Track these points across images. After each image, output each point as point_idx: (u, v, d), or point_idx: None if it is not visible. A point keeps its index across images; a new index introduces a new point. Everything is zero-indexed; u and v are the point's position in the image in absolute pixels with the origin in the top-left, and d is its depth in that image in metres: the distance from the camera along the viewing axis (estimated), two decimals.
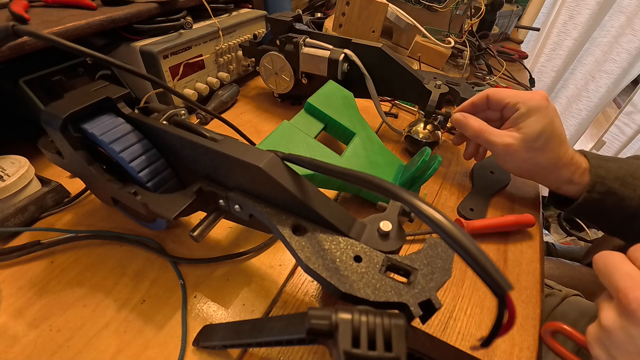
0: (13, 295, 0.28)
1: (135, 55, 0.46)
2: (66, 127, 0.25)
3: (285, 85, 0.53)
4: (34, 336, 0.26)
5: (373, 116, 0.53)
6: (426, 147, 0.37)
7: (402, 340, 0.15)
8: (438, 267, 0.20)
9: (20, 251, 0.30)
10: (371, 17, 0.59)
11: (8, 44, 0.32)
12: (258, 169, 0.21)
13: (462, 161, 0.50)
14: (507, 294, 0.14)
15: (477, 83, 0.72)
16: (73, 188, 0.37)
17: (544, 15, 1.54)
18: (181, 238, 0.34)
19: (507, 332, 0.16)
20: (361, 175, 0.19)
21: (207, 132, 0.26)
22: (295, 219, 0.22)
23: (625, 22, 1.44)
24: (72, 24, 0.38)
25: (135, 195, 0.25)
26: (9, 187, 0.31)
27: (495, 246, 0.37)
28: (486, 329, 0.29)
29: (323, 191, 0.24)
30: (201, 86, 0.53)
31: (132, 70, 0.28)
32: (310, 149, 0.37)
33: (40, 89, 0.40)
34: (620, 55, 1.50)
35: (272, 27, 0.50)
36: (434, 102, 0.44)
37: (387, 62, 0.47)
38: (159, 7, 0.47)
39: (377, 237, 0.22)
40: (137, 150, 0.26)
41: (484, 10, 0.62)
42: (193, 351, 0.26)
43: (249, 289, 0.30)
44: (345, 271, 0.19)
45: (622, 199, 0.34)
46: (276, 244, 0.34)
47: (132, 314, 0.28)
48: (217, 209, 0.26)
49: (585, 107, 1.69)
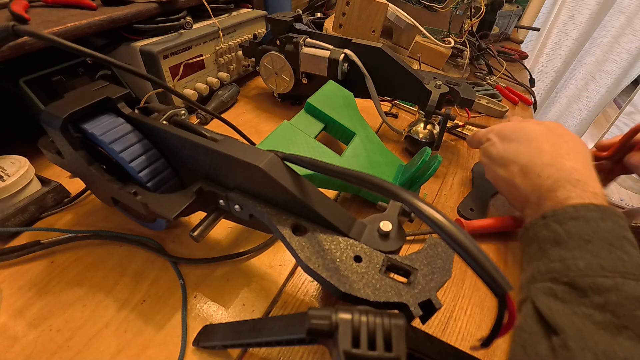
0: (13, 295, 0.28)
1: (135, 55, 0.46)
2: (66, 127, 0.25)
3: (285, 85, 0.53)
4: (34, 336, 0.26)
5: (373, 116, 0.53)
6: (426, 147, 0.37)
7: (402, 340, 0.15)
8: (438, 267, 0.20)
9: (20, 251, 0.30)
10: (371, 17, 0.59)
11: (8, 44, 0.32)
12: (258, 169, 0.21)
13: (462, 161, 0.50)
14: (508, 294, 0.14)
15: (477, 83, 0.72)
16: (73, 188, 0.37)
17: (544, 15, 1.54)
18: (181, 238, 0.34)
19: (507, 332, 0.15)
20: (361, 175, 0.19)
21: (207, 132, 0.26)
22: (295, 219, 0.22)
23: (625, 22, 1.44)
24: (72, 24, 0.38)
25: (135, 195, 0.25)
26: (9, 187, 0.31)
27: (495, 246, 0.37)
28: (486, 329, 0.29)
29: (323, 191, 0.24)
30: (201, 86, 0.53)
31: (132, 70, 0.28)
32: (310, 149, 0.37)
33: (40, 89, 0.40)
34: (621, 55, 1.50)
35: (272, 27, 0.50)
36: (434, 102, 0.44)
37: (387, 62, 0.47)
38: (159, 7, 0.47)
39: (377, 237, 0.22)
40: (137, 150, 0.26)
41: (484, 10, 0.62)
42: (193, 351, 0.26)
43: (249, 289, 0.30)
44: (345, 271, 0.19)
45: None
46: (276, 244, 0.34)
47: (132, 314, 0.28)
48: (217, 209, 0.26)
49: (585, 107, 1.69)
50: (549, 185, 0.29)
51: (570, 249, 0.25)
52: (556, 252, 0.26)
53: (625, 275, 0.22)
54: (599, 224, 0.25)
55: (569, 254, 0.25)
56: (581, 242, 0.25)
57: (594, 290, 0.22)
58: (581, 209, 0.26)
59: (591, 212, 0.26)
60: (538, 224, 0.28)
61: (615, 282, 0.22)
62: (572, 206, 0.27)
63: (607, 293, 0.22)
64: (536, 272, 0.26)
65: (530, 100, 0.70)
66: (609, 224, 0.25)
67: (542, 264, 0.26)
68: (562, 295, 0.24)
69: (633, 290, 0.22)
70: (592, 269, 0.23)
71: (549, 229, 0.27)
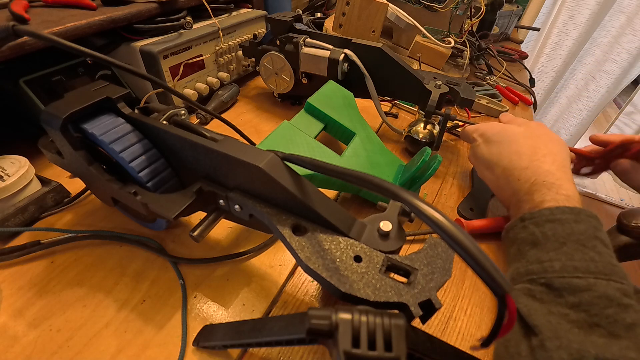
0: (13, 295, 0.28)
1: (135, 55, 0.46)
2: (66, 127, 0.25)
3: (285, 85, 0.53)
4: (34, 336, 0.26)
5: (373, 116, 0.53)
6: (426, 147, 0.37)
7: (402, 340, 0.15)
8: (438, 267, 0.20)
9: (20, 251, 0.30)
10: (371, 17, 0.59)
11: (8, 44, 0.32)
12: (258, 169, 0.21)
13: (462, 161, 0.50)
14: (508, 294, 0.14)
15: (477, 83, 0.72)
16: (73, 188, 0.37)
17: (544, 15, 1.54)
18: (181, 238, 0.34)
19: (507, 332, 0.15)
20: (361, 175, 0.19)
21: (207, 132, 0.26)
22: (295, 219, 0.22)
23: (625, 22, 1.44)
24: (72, 24, 0.38)
25: (135, 195, 0.25)
26: (9, 187, 0.31)
27: (496, 246, 0.37)
28: (486, 329, 0.29)
29: (323, 191, 0.24)
30: (201, 86, 0.53)
31: (132, 70, 0.28)
32: (310, 149, 0.37)
33: (40, 89, 0.40)
34: (621, 55, 1.50)
35: (272, 27, 0.50)
36: (434, 102, 0.44)
37: (387, 62, 0.47)
38: (159, 7, 0.47)
39: (377, 237, 0.22)
40: (137, 150, 0.26)
41: (484, 10, 0.62)
42: (193, 351, 0.26)
43: (249, 289, 0.30)
44: (345, 271, 0.19)
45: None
46: (276, 244, 0.34)
47: (132, 314, 0.28)
48: (217, 209, 0.26)
49: (585, 107, 1.69)
50: (527, 189, 0.31)
51: (547, 250, 0.26)
52: (534, 253, 0.27)
53: (598, 275, 0.24)
54: (572, 226, 0.26)
55: (546, 256, 0.26)
56: (556, 244, 0.26)
57: (569, 291, 0.24)
58: (556, 211, 0.27)
59: (565, 214, 0.27)
60: (517, 226, 0.29)
61: (587, 282, 0.24)
62: (548, 209, 0.28)
63: (580, 293, 0.23)
64: (516, 274, 0.27)
65: (530, 100, 0.70)
66: (582, 226, 0.26)
67: (521, 265, 0.27)
68: (540, 295, 0.25)
69: (604, 290, 0.23)
70: (567, 270, 0.25)
71: (527, 230, 0.28)
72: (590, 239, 0.26)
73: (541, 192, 0.29)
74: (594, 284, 0.24)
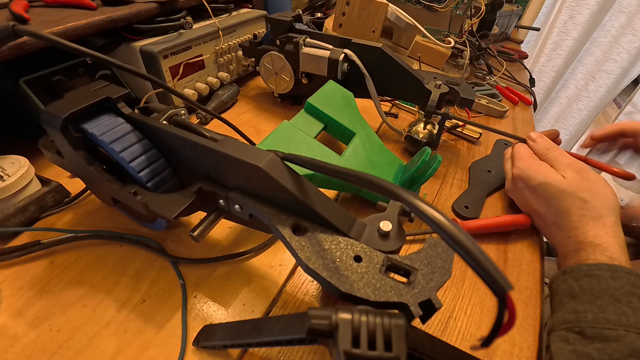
0: (13, 295, 0.28)
1: (135, 55, 0.46)
2: (66, 127, 0.25)
3: (285, 85, 0.53)
4: (34, 336, 0.26)
5: (373, 116, 0.53)
6: (426, 147, 0.37)
7: (402, 340, 0.15)
8: (438, 267, 0.20)
9: (20, 251, 0.30)
10: (371, 17, 0.59)
11: (8, 44, 0.32)
12: (258, 168, 0.21)
13: (462, 161, 0.50)
14: (507, 294, 0.14)
15: (477, 83, 0.72)
16: (73, 188, 0.37)
17: (544, 15, 1.54)
18: (181, 238, 0.34)
19: (507, 332, 0.15)
20: (361, 175, 0.19)
21: (207, 132, 0.26)
22: (295, 219, 0.22)
23: (625, 22, 1.44)
24: (72, 24, 0.38)
25: (135, 195, 0.25)
26: (9, 187, 0.31)
27: (495, 246, 0.37)
28: (486, 329, 0.29)
29: (323, 191, 0.24)
30: (201, 86, 0.53)
31: (132, 70, 0.28)
32: (310, 149, 0.37)
33: (40, 89, 0.40)
34: (621, 55, 1.50)
35: (272, 27, 0.50)
36: (434, 102, 0.44)
37: (387, 62, 0.47)
38: (159, 7, 0.47)
39: (377, 237, 0.22)
40: (137, 150, 0.26)
41: (484, 10, 0.62)
42: (193, 351, 0.26)
43: (249, 289, 0.30)
44: (345, 271, 0.19)
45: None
46: (276, 244, 0.34)
47: (132, 314, 0.28)
48: (217, 209, 0.26)
49: (585, 107, 1.68)
50: (574, 246, 0.33)
51: (582, 302, 0.28)
52: (571, 304, 0.29)
53: (629, 328, 0.25)
54: (608, 282, 0.28)
55: (581, 307, 0.28)
56: (592, 297, 0.28)
57: (599, 339, 0.26)
58: (594, 267, 0.30)
59: (602, 270, 0.29)
60: (559, 279, 0.32)
61: (617, 333, 0.25)
62: (587, 264, 0.30)
63: (609, 342, 0.25)
64: (556, 322, 0.29)
65: (530, 100, 0.70)
66: (619, 282, 0.28)
67: (560, 315, 0.29)
68: (572, 341, 0.27)
69: (632, 341, 0.25)
70: (599, 321, 0.26)
71: (567, 283, 0.31)
72: (626, 294, 0.27)
73: (587, 251, 0.31)
74: (624, 335, 0.25)
